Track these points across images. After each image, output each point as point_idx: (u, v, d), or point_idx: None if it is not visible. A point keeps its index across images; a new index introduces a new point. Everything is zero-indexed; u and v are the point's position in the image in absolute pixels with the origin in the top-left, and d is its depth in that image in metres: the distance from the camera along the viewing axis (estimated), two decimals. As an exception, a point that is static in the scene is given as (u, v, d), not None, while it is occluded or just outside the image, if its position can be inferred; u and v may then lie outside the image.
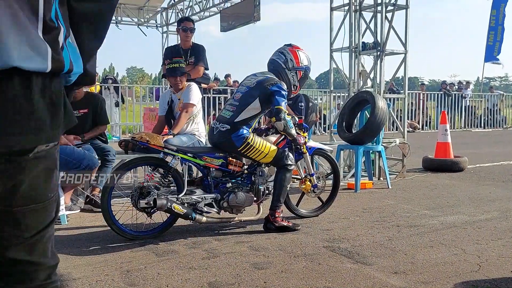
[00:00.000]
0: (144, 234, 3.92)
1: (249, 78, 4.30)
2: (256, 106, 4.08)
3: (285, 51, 4.35)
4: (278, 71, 4.27)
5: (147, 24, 14.30)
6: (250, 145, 4.04)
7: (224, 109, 4.31)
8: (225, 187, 4.09)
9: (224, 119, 4.14)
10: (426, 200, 5.38)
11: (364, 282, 2.91)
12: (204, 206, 3.98)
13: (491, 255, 3.44)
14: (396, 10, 6.76)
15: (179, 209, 3.78)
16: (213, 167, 4.08)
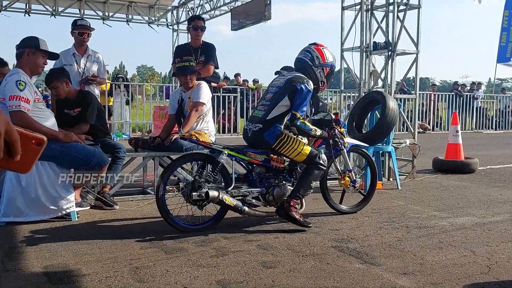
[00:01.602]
0: (195, 227, 4.09)
1: (278, 78, 4.43)
2: (286, 103, 4.17)
3: (311, 49, 4.46)
4: (305, 69, 4.38)
5: (158, 22, 14.34)
6: (284, 142, 4.16)
7: (256, 109, 4.45)
8: (269, 182, 4.25)
9: (256, 119, 4.28)
10: (435, 201, 5.36)
11: (373, 282, 2.90)
12: (252, 199, 4.19)
13: (501, 257, 3.42)
14: (408, 10, 6.73)
15: (229, 201, 4.00)
16: (256, 162, 4.25)
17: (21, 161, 1.07)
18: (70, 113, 4.85)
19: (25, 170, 1.12)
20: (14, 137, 1.04)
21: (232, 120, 15.12)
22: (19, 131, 1.06)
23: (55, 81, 4.76)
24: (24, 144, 1.07)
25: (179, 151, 5.36)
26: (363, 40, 7.00)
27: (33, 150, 1.10)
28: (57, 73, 4.86)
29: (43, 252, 3.39)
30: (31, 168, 1.13)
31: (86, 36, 5.83)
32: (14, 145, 1.04)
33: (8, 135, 1.02)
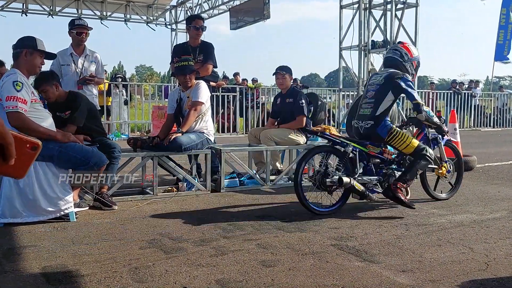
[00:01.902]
0: (325, 209, 4.65)
1: (375, 77, 4.93)
2: (390, 98, 4.70)
3: (398, 47, 4.97)
4: (397, 65, 4.86)
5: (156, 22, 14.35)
6: (394, 134, 4.67)
7: (361, 108, 4.90)
8: (383, 172, 4.81)
9: (366, 117, 4.78)
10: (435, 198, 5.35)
11: (372, 280, 2.91)
12: (373, 186, 4.77)
13: (499, 254, 3.42)
14: (405, 8, 6.74)
15: (358, 187, 4.57)
16: (373, 154, 4.79)
17: (15, 166, 1.04)
18: (62, 116, 4.78)
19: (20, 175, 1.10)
20: (8, 140, 1.01)
21: (232, 120, 15.11)
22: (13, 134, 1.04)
23: (45, 85, 4.69)
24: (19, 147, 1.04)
25: (178, 151, 5.37)
26: (361, 39, 7.01)
27: (28, 154, 1.08)
28: (47, 77, 4.78)
29: (42, 253, 3.39)
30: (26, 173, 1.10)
31: (84, 35, 5.82)
32: (8, 148, 1.02)
33: (2, 138, 1.01)
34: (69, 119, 4.76)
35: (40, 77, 4.77)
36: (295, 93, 6.43)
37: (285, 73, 6.49)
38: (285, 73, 6.49)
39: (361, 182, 4.64)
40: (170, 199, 5.27)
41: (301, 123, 6.28)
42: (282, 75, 6.49)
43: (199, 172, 6.03)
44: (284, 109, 6.46)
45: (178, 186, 5.57)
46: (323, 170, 4.60)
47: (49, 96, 4.72)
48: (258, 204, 5.12)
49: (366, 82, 5.17)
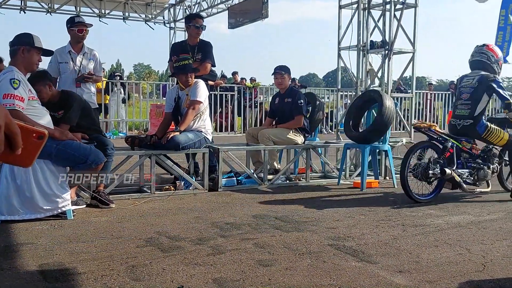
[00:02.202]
0: (424, 198, 5.25)
1: (467, 80, 5.51)
2: (485, 99, 5.34)
3: (484, 50, 5.50)
4: (485, 67, 5.44)
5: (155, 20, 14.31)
6: (490, 131, 5.36)
7: (458, 109, 5.53)
8: (471, 166, 5.41)
9: (464, 116, 5.43)
10: (432, 200, 5.36)
11: (369, 280, 2.91)
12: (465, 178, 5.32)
13: (496, 255, 3.43)
14: (405, 9, 6.73)
15: (457, 178, 5.20)
16: (465, 149, 5.39)
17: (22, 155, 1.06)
18: (55, 116, 4.73)
19: (27, 164, 1.12)
20: (15, 130, 1.03)
21: (230, 119, 15.11)
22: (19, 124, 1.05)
23: (38, 85, 4.58)
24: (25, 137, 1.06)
25: (176, 149, 5.37)
26: (360, 39, 7.01)
27: (34, 143, 1.10)
28: (40, 76, 4.70)
29: (39, 250, 3.38)
30: (33, 162, 1.12)
31: (85, 33, 5.81)
32: (14, 138, 1.03)
33: (9, 128, 1.02)
34: (62, 119, 4.73)
35: (34, 77, 4.69)
36: (294, 93, 6.44)
37: (284, 73, 6.50)
38: (284, 73, 6.50)
39: (457, 173, 5.23)
40: (167, 198, 5.26)
41: (299, 123, 6.29)
42: (281, 75, 6.50)
43: (197, 171, 6.03)
44: (283, 109, 6.46)
45: (175, 185, 5.57)
46: (425, 164, 5.17)
47: (42, 96, 4.60)
48: (256, 203, 5.12)
49: (457, 84, 5.76)
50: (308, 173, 6.49)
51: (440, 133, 5.35)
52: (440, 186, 5.31)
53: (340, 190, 6.06)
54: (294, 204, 5.13)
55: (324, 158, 6.89)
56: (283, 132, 6.26)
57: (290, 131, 6.28)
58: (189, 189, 5.56)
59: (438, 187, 5.31)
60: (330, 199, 5.44)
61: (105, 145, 4.80)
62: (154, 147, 5.40)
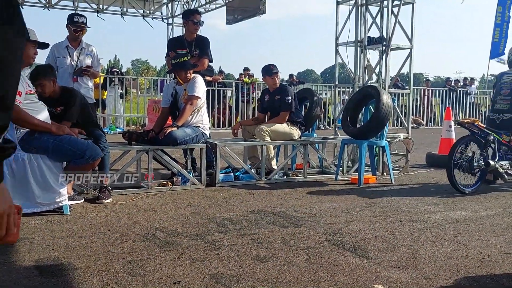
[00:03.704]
0: (468, 188, 5.56)
1: (507, 77, 5.94)
2: None
3: None
4: None
5: (153, 15, 14.29)
6: None
7: (497, 103, 5.92)
8: (510, 157, 5.76)
9: (504, 111, 5.82)
10: (428, 195, 5.38)
11: (366, 275, 2.91)
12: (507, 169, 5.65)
13: (493, 251, 3.43)
14: (402, 5, 6.72)
15: (500, 169, 5.56)
16: (504, 142, 5.73)
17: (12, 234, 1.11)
18: (53, 111, 4.70)
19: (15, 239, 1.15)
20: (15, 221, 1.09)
21: (227, 114, 15.10)
22: None
23: (43, 79, 4.58)
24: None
25: (173, 145, 5.36)
26: (358, 35, 7.00)
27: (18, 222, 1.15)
28: (45, 71, 4.69)
29: (35, 245, 3.37)
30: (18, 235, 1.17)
31: (81, 33, 5.80)
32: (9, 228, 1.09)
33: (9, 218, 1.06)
34: (62, 115, 4.70)
35: (39, 70, 4.69)
36: (283, 90, 6.43)
37: (278, 71, 6.53)
38: (279, 72, 6.54)
39: (499, 165, 5.56)
40: (164, 193, 5.26)
41: (283, 119, 6.29)
42: (278, 74, 6.54)
43: (194, 166, 6.02)
44: (274, 106, 6.47)
45: (173, 180, 5.56)
46: (469, 157, 5.52)
47: (44, 91, 4.59)
48: (253, 199, 5.12)
49: (497, 80, 6.15)
50: (306, 168, 6.49)
51: (482, 127, 5.65)
52: (482, 177, 5.66)
53: (337, 185, 6.06)
54: (292, 199, 5.12)
55: (321, 153, 6.88)
56: (278, 126, 6.25)
57: (284, 124, 6.28)
58: (187, 184, 5.55)
59: (480, 178, 5.65)
60: (328, 195, 5.44)
61: (98, 139, 4.76)
62: (152, 142, 5.39)
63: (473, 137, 5.70)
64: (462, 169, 5.54)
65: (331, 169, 6.80)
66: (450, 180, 5.47)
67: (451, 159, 5.47)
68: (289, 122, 6.32)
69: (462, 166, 5.53)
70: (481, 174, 5.65)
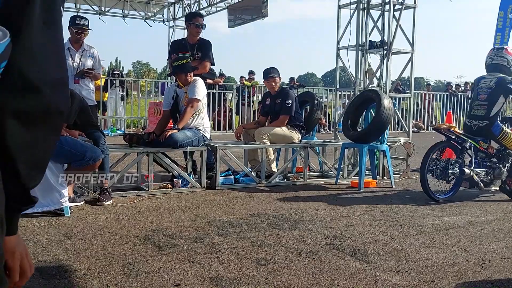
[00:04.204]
0: (442, 196, 5.36)
1: (484, 81, 5.59)
2: (501, 101, 5.40)
3: (504, 54, 5.62)
4: (503, 70, 5.55)
5: (154, 18, 14.30)
6: (505, 135, 5.41)
7: (473, 109, 5.61)
8: (487, 165, 5.51)
9: (480, 117, 5.50)
10: (429, 200, 5.36)
11: (366, 280, 2.91)
12: (482, 177, 5.42)
13: (494, 256, 3.43)
14: (403, 9, 6.73)
15: (475, 178, 5.32)
16: (482, 149, 5.49)
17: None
18: None
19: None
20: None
21: (228, 117, 15.10)
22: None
23: None
24: None
25: (174, 147, 5.37)
26: (359, 39, 7.00)
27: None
28: None
29: (36, 247, 3.37)
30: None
31: (83, 35, 5.80)
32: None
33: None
34: None
35: None
36: (284, 94, 6.41)
37: (276, 76, 6.51)
38: (276, 76, 6.50)
39: (475, 173, 5.34)
40: (165, 196, 5.25)
41: (283, 123, 6.28)
42: (274, 78, 6.49)
43: (195, 169, 6.02)
44: (275, 109, 6.47)
45: (173, 183, 5.56)
46: (444, 163, 5.32)
47: None
48: (253, 202, 5.12)
49: (474, 85, 5.86)
50: (306, 172, 6.49)
51: (458, 133, 5.48)
52: (458, 185, 5.49)
53: (337, 189, 6.05)
54: (292, 203, 5.12)
55: (322, 157, 6.88)
56: (278, 129, 6.25)
57: (284, 128, 6.28)
58: (187, 187, 5.55)
59: (456, 186, 5.47)
60: (328, 198, 5.44)
61: (97, 141, 4.76)
62: (152, 144, 5.39)
63: (449, 143, 5.56)
64: (436, 176, 5.37)
65: (332, 173, 6.79)
66: (423, 186, 5.30)
67: (425, 165, 5.30)
68: (289, 126, 6.32)
69: (437, 172, 5.36)
70: (457, 182, 5.48)
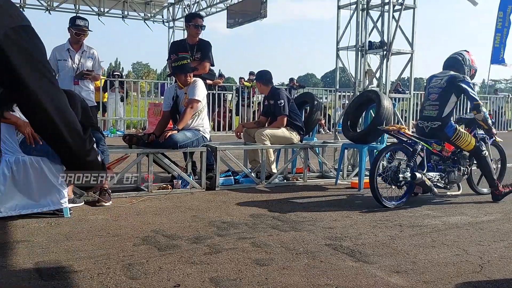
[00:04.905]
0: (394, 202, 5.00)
1: (435, 80, 5.29)
2: (453, 100, 5.15)
3: (463, 52, 5.39)
4: (456, 66, 5.29)
5: (154, 19, 14.31)
6: (459, 135, 5.14)
7: (425, 110, 5.30)
8: (442, 168, 5.23)
9: (432, 118, 5.18)
10: (428, 200, 5.37)
11: (366, 280, 2.91)
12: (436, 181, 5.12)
13: (493, 256, 3.43)
14: (403, 10, 6.74)
15: (427, 182, 4.99)
16: (435, 152, 5.19)
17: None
18: None
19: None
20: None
21: (227, 118, 15.11)
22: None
23: None
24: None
25: (173, 148, 5.37)
26: (359, 39, 7.01)
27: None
28: None
29: (35, 248, 3.37)
30: None
31: (83, 36, 5.80)
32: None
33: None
34: None
35: None
36: (275, 94, 6.44)
37: (258, 81, 6.69)
38: (258, 81, 6.68)
39: (427, 177, 5.03)
40: (164, 196, 5.25)
41: (282, 122, 6.29)
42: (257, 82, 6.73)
43: (194, 169, 6.02)
44: (270, 111, 6.50)
45: (173, 184, 5.56)
46: (394, 167, 4.96)
47: None
48: (253, 202, 5.12)
49: (426, 85, 5.57)
50: (306, 172, 6.49)
51: (409, 135, 5.13)
52: (410, 190, 5.13)
53: (337, 190, 6.06)
54: (292, 203, 5.12)
55: (321, 158, 6.88)
56: (278, 131, 6.26)
57: (284, 129, 6.29)
58: (187, 188, 5.55)
59: (408, 191, 5.13)
60: (328, 199, 5.44)
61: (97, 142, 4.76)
62: (152, 145, 5.39)
63: (400, 145, 5.17)
64: (387, 181, 5.01)
65: (331, 173, 6.79)
66: (373, 192, 4.93)
67: (374, 169, 4.94)
68: (288, 127, 6.32)
69: (387, 177, 4.99)
70: (409, 187, 5.10)
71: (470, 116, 5.48)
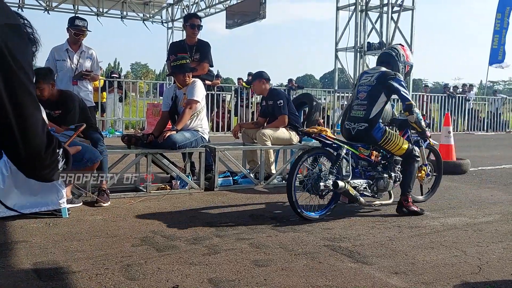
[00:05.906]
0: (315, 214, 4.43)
1: (366, 77, 4.78)
2: (383, 100, 4.62)
3: (397, 47, 4.90)
4: (390, 62, 4.79)
5: (152, 19, 14.31)
6: (388, 138, 4.60)
7: (353, 110, 4.78)
8: (371, 175, 4.69)
9: (359, 119, 4.66)
10: (427, 201, 5.37)
11: (364, 281, 2.91)
12: (363, 190, 4.58)
13: (492, 257, 3.43)
14: (402, 11, 6.75)
15: (352, 191, 4.42)
16: (363, 157, 4.63)
17: None
18: (51, 114, 4.68)
19: None
20: None
21: (226, 118, 15.11)
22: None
23: (42, 82, 4.56)
24: None
25: (172, 148, 5.36)
26: (357, 40, 7.02)
27: None
28: (45, 74, 4.68)
29: (33, 249, 3.36)
30: None
31: (82, 36, 5.80)
32: None
33: None
34: (60, 119, 4.70)
35: (38, 74, 4.66)
36: (274, 94, 6.44)
37: (259, 80, 6.61)
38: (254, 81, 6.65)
39: (352, 185, 4.46)
40: (163, 197, 5.25)
41: (283, 121, 6.29)
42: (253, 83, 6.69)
43: (193, 170, 6.02)
44: (269, 111, 6.49)
45: (171, 184, 5.55)
46: (316, 174, 4.42)
47: (43, 94, 4.58)
48: (252, 203, 5.12)
49: (356, 82, 5.03)
50: (304, 173, 6.48)
51: (333, 139, 4.57)
52: (336, 199, 4.61)
53: (336, 191, 6.04)
54: (290, 204, 5.12)
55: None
56: (280, 132, 6.26)
57: (284, 129, 6.29)
58: (185, 188, 5.55)
59: (333, 200, 4.60)
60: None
61: (96, 142, 4.77)
62: (151, 146, 5.39)
63: (323, 149, 4.63)
64: (307, 190, 4.43)
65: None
66: (290, 202, 4.35)
67: (292, 177, 4.34)
68: (288, 128, 6.33)
69: (307, 185, 4.42)
70: (335, 195, 4.58)
71: (403, 117, 4.88)
